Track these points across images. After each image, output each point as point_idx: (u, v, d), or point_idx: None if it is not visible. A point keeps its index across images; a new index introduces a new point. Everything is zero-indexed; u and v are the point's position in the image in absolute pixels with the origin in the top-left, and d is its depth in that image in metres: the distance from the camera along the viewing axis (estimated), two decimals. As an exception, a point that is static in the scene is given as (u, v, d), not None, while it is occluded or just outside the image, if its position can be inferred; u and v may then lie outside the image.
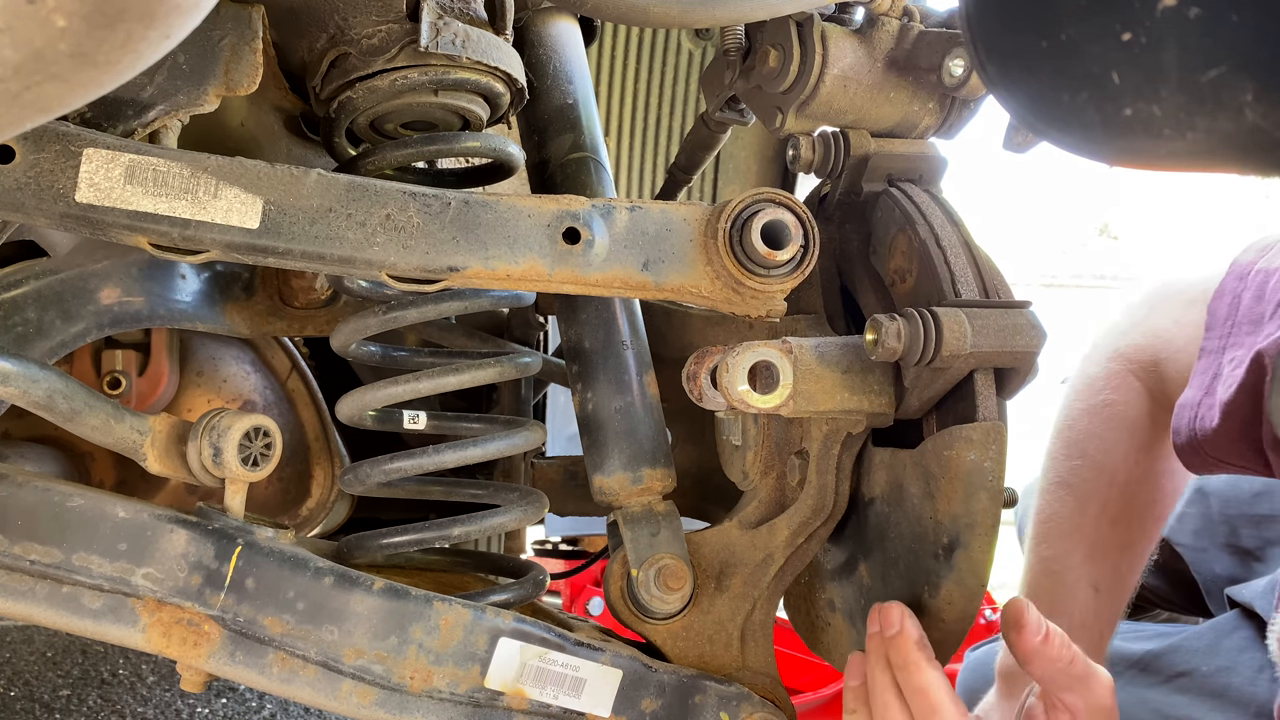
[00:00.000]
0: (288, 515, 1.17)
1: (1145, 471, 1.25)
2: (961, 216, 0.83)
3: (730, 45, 0.90)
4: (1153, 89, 0.41)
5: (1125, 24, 0.41)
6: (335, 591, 0.77)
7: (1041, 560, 1.23)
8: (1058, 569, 1.20)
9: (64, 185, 0.66)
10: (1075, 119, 0.46)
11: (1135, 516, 1.24)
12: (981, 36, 0.50)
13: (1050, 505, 1.25)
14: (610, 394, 0.89)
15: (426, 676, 0.78)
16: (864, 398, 0.77)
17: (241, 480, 0.78)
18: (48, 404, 0.74)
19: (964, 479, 0.74)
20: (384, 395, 0.86)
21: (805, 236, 0.76)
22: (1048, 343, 0.75)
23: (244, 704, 2.09)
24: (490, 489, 0.99)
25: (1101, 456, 1.25)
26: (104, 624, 0.74)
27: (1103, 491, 1.24)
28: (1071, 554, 1.21)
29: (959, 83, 0.81)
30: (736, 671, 0.87)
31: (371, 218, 0.71)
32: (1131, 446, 1.24)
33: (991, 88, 0.51)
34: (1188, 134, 0.42)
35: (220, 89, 0.74)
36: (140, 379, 1.06)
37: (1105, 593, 1.20)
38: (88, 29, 0.41)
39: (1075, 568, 1.20)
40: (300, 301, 1.08)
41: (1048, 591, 1.20)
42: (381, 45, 0.76)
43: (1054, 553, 1.22)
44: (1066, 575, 1.20)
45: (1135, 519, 1.24)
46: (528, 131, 1.01)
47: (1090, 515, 1.22)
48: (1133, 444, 1.25)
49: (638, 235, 0.76)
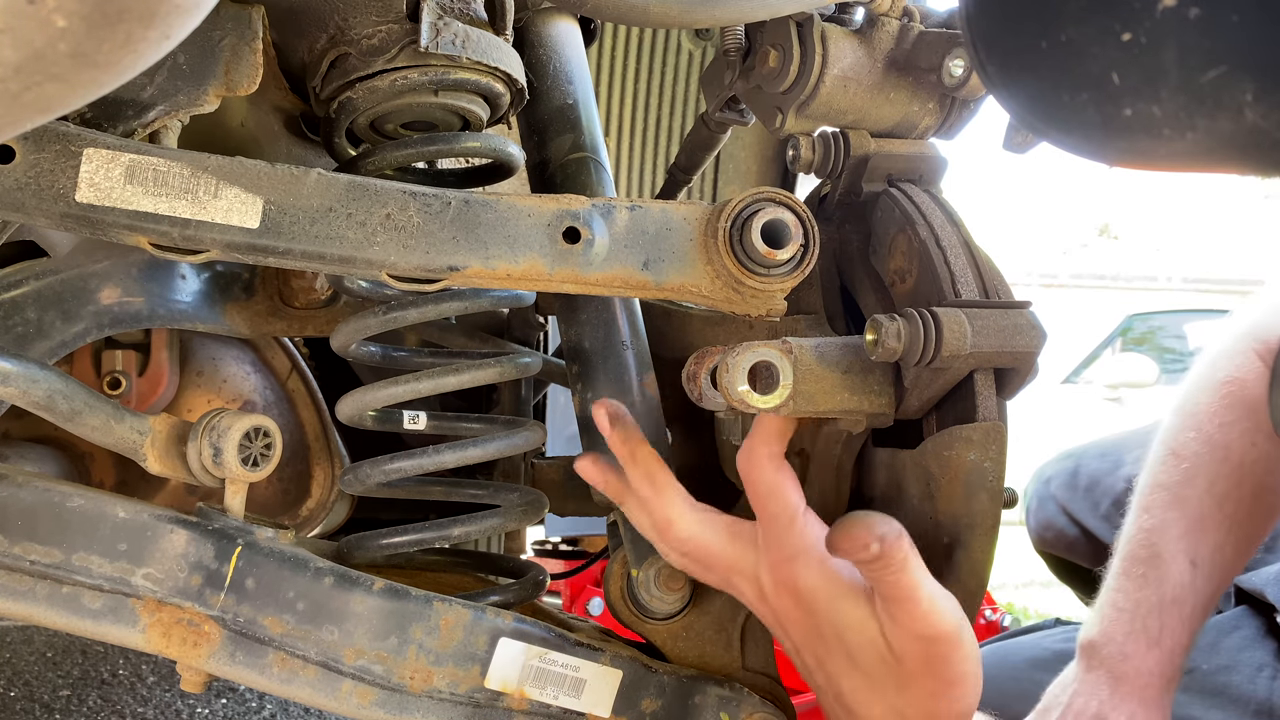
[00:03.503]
0: (288, 515, 1.17)
1: (1262, 454, 1.20)
2: (961, 216, 0.83)
3: (730, 45, 0.90)
4: (1153, 89, 0.41)
5: (1125, 24, 0.41)
6: (335, 592, 0.77)
7: (1141, 530, 1.19)
8: (1156, 540, 1.16)
9: (64, 185, 0.66)
10: (1075, 119, 0.46)
11: (1245, 497, 1.18)
12: (981, 36, 0.50)
13: (1157, 475, 1.21)
14: (610, 394, 0.89)
15: (426, 677, 0.78)
16: (864, 398, 0.77)
17: (241, 480, 0.78)
18: (48, 404, 0.74)
19: (964, 479, 0.74)
20: (384, 395, 0.86)
21: (805, 236, 0.76)
22: (1048, 343, 0.75)
23: (244, 704, 2.09)
24: (490, 489, 0.99)
25: (1216, 432, 1.20)
26: (104, 624, 0.74)
27: (1214, 467, 1.19)
28: (1172, 526, 1.16)
29: (959, 83, 0.81)
30: (736, 671, 0.87)
31: (372, 217, 0.71)
32: (1250, 425, 1.20)
33: (991, 88, 0.51)
34: (1188, 134, 0.42)
35: (220, 89, 0.74)
36: (140, 379, 1.06)
37: (1203, 569, 1.16)
38: (88, 29, 0.41)
39: (1175, 540, 1.16)
40: (300, 302, 1.08)
41: (1143, 563, 1.16)
42: (381, 45, 0.76)
43: (1154, 523, 1.18)
44: (1165, 547, 1.16)
45: (1245, 500, 1.18)
46: (528, 131, 1.01)
47: (1197, 489, 1.18)
48: (1252, 423, 1.20)
49: (638, 234, 0.76)
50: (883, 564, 0.66)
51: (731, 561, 0.78)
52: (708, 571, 0.81)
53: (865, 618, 0.71)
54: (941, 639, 0.68)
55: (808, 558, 0.74)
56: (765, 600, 0.78)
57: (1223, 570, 1.18)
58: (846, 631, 0.72)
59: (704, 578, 0.82)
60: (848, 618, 0.72)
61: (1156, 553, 1.16)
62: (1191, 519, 1.17)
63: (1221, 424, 1.20)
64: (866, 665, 0.72)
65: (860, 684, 0.73)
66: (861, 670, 0.72)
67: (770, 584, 0.76)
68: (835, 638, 0.73)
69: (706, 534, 0.78)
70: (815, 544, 0.74)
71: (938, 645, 0.69)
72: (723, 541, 0.78)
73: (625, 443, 0.80)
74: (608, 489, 0.84)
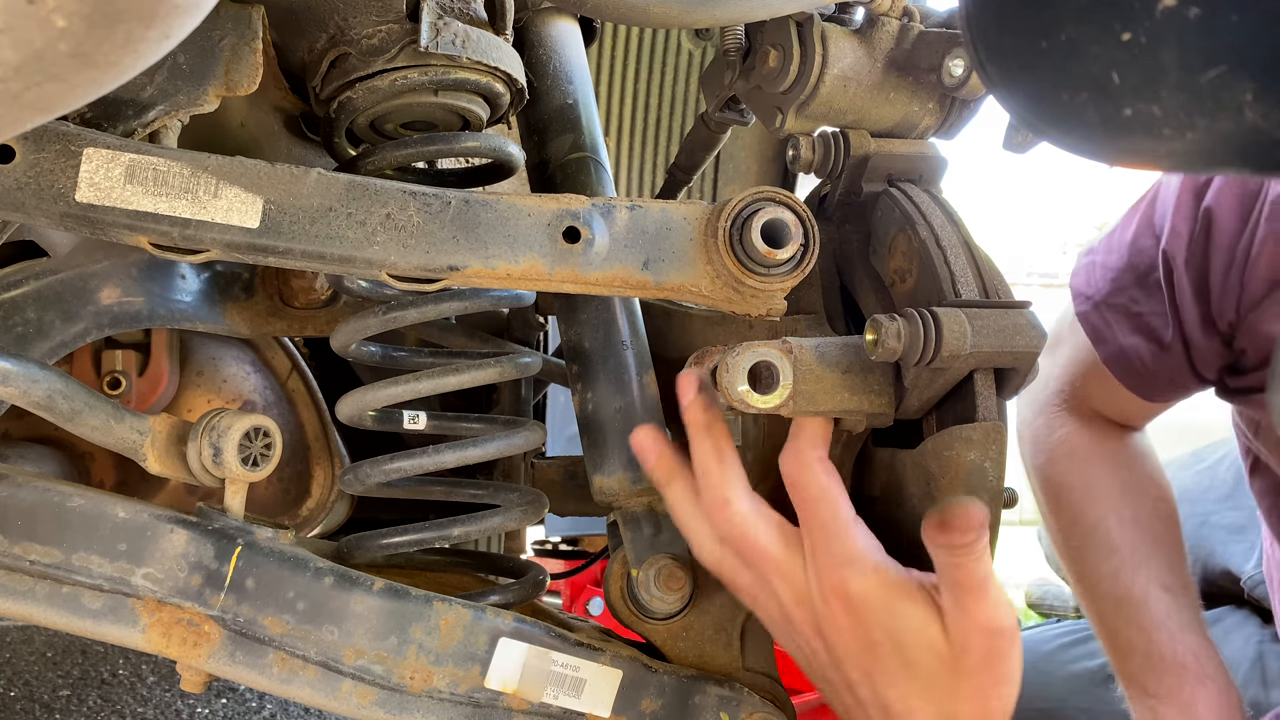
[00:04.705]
0: (288, 515, 1.17)
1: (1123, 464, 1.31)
2: (961, 216, 0.83)
3: (730, 45, 0.90)
4: (1153, 89, 0.41)
5: (1125, 24, 0.41)
6: (335, 592, 0.77)
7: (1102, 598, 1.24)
8: (1121, 592, 1.20)
9: (64, 185, 0.66)
10: (1075, 119, 0.46)
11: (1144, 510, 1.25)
12: (981, 36, 0.50)
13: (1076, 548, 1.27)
14: (610, 394, 0.89)
15: (426, 677, 0.78)
16: (864, 398, 0.76)
17: (241, 480, 0.78)
18: (48, 404, 0.74)
19: (964, 479, 0.74)
20: (384, 395, 0.86)
21: (805, 235, 0.76)
22: (1047, 343, 0.75)
23: (244, 704, 2.09)
24: (490, 489, 0.99)
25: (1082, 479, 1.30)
26: (104, 624, 0.74)
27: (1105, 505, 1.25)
28: (1120, 572, 1.21)
29: (959, 83, 0.81)
30: (736, 671, 0.87)
31: (371, 217, 0.71)
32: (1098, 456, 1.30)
33: (991, 88, 0.51)
34: (1188, 134, 0.42)
35: (220, 89, 0.74)
36: (140, 379, 1.06)
37: (1177, 589, 1.20)
38: (88, 29, 0.41)
39: (1136, 582, 1.20)
40: (300, 302, 1.08)
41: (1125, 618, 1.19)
42: (381, 45, 0.76)
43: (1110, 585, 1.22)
44: (1133, 593, 1.19)
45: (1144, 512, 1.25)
46: (528, 131, 1.01)
47: (1113, 529, 1.23)
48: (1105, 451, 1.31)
49: (638, 234, 0.76)
50: (969, 550, 0.66)
51: (777, 561, 0.75)
52: (743, 567, 0.78)
53: (927, 618, 0.70)
54: (1004, 633, 0.68)
55: (861, 564, 0.72)
56: (805, 607, 0.75)
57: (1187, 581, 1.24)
58: (905, 634, 0.70)
59: (735, 575, 0.79)
60: (909, 620, 0.70)
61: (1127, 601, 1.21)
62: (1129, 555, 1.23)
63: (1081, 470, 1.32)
64: (923, 669, 0.70)
65: (913, 690, 0.71)
66: (916, 676, 0.71)
67: (818, 591, 0.73)
68: (890, 644, 0.71)
69: (759, 524, 0.75)
70: (868, 549, 0.72)
71: (1000, 640, 0.68)
72: (772, 537, 0.75)
73: (706, 410, 0.78)
74: (659, 464, 0.81)
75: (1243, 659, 1.40)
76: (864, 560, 0.72)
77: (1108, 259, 1.29)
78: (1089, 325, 1.29)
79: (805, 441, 0.75)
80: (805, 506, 0.75)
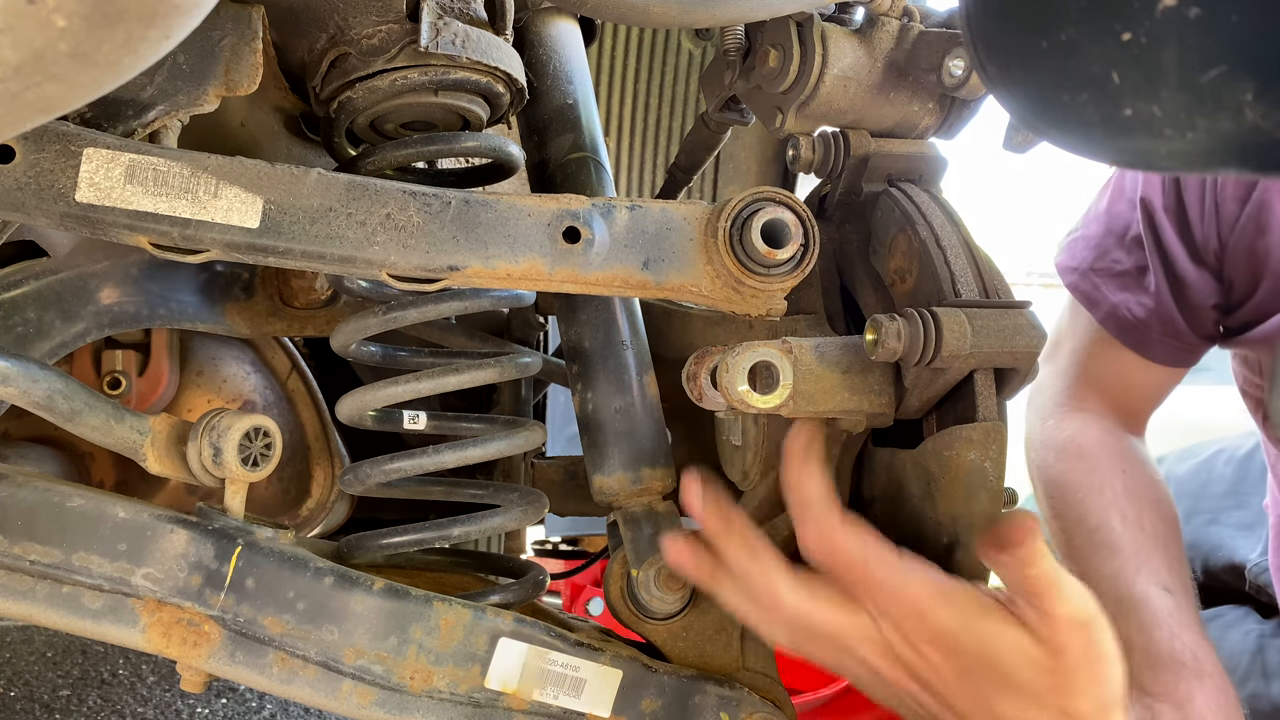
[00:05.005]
0: (288, 515, 1.17)
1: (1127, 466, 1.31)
2: (961, 216, 0.83)
3: (730, 45, 0.90)
4: (1153, 89, 0.41)
5: (1125, 24, 0.41)
6: (335, 592, 0.77)
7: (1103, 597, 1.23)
8: (1121, 592, 1.19)
9: (64, 185, 0.66)
10: (1075, 119, 0.46)
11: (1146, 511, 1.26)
12: (981, 36, 0.50)
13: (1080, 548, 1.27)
14: (610, 394, 0.89)
15: (426, 677, 0.78)
16: (864, 398, 0.76)
17: (241, 480, 0.78)
18: (48, 404, 0.74)
19: (964, 479, 0.74)
20: (384, 395, 0.86)
21: (805, 235, 0.76)
22: (1047, 348, 0.75)
23: (244, 704, 2.10)
24: (490, 489, 0.99)
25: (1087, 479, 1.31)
26: (104, 624, 0.74)
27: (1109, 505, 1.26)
28: (1121, 573, 1.21)
29: (959, 83, 0.81)
30: (736, 671, 0.87)
31: (371, 217, 0.71)
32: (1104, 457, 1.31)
33: (991, 88, 0.51)
34: (1188, 134, 0.42)
35: (220, 89, 0.74)
36: (140, 379, 1.06)
37: (1177, 589, 1.21)
38: (88, 29, 0.41)
39: (1137, 582, 1.20)
40: (300, 302, 1.08)
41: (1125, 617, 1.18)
42: (381, 45, 0.76)
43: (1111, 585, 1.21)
44: (1133, 592, 1.19)
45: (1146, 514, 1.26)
46: (528, 131, 1.01)
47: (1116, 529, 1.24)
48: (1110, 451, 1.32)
49: (638, 234, 0.76)
50: (1032, 557, 0.66)
51: (850, 630, 0.73)
52: (817, 643, 0.75)
53: (1016, 634, 0.68)
54: (1092, 621, 0.68)
55: (933, 600, 0.70)
56: (892, 658, 0.73)
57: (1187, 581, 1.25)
58: (998, 654, 0.69)
59: (821, 655, 0.76)
60: (998, 641, 0.69)
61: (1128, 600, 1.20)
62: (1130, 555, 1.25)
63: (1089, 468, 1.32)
64: (1025, 682, 0.69)
65: (1023, 703, 0.70)
66: (1020, 691, 0.69)
67: (900, 641, 0.72)
68: (987, 668, 0.70)
69: (815, 606, 0.73)
70: (934, 584, 0.71)
71: (1091, 629, 0.68)
72: (834, 608, 0.73)
73: (718, 512, 0.77)
74: (700, 572, 0.79)
75: (1243, 652, 1.41)
76: (934, 596, 0.70)
77: (1087, 231, 1.37)
78: (1080, 293, 1.35)
79: (826, 509, 0.73)
80: (852, 570, 0.72)
